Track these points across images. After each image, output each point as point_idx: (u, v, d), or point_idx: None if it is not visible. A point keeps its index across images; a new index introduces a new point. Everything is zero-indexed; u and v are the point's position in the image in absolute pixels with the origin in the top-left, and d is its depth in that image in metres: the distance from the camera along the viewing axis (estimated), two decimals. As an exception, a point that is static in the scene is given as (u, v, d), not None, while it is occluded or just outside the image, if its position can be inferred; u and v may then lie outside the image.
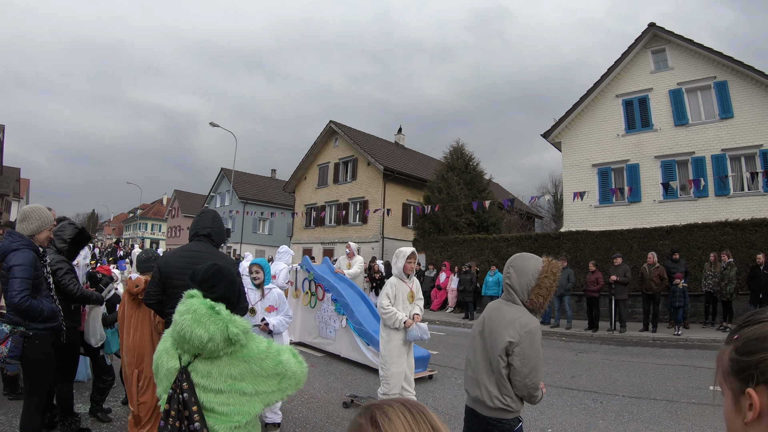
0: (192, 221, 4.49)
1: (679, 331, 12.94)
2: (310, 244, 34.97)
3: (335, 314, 9.82)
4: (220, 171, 49.54)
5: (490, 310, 3.18)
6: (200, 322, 2.26)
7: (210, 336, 2.23)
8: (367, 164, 31.16)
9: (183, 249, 4.31)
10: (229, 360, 2.31)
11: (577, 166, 22.90)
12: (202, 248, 4.24)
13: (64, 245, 5.11)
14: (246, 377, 2.31)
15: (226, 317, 2.31)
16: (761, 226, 15.02)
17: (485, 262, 20.54)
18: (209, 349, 2.26)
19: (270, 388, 2.38)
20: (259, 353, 2.37)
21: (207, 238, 4.33)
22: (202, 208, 4.49)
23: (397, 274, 6.36)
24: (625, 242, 17.31)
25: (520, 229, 31.96)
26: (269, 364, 2.37)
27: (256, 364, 2.33)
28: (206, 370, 2.29)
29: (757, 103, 18.70)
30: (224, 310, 2.35)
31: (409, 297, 6.35)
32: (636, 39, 21.79)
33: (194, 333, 2.23)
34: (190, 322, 2.27)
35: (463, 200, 24.54)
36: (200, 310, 2.30)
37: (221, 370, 2.29)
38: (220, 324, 2.27)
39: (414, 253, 6.40)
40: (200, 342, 2.23)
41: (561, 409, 6.78)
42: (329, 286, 10.07)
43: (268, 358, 2.38)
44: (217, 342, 2.25)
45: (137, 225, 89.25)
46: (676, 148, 20.25)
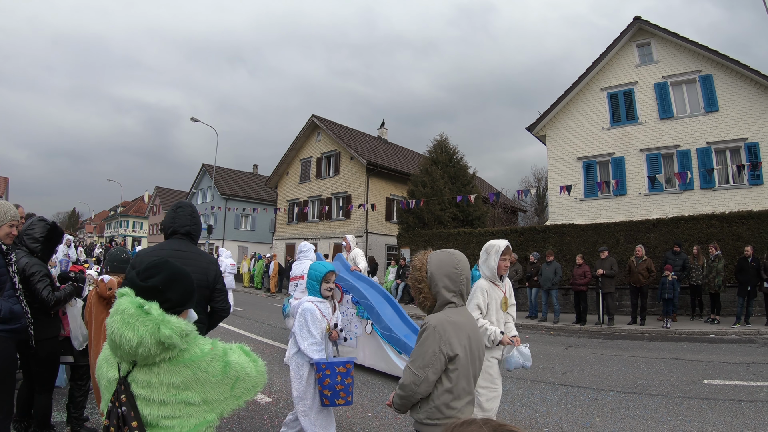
0: (166, 216, 4.17)
1: (668, 323, 12.84)
2: (293, 240, 34.52)
3: (357, 318, 8.73)
4: (202, 167, 48.93)
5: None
6: (129, 323, 1.99)
7: (140, 339, 1.96)
8: (350, 159, 30.88)
9: (161, 248, 3.98)
10: (169, 366, 2.03)
11: (562, 160, 22.79)
12: (182, 247, 3.97)
13: (37, 245, 4.72)
14: (191, 385, 2.04)
15: (157, 317, 2.02)
16: (748, 218, 15.01)
17: (470, 256, 19.97)
18: (142, 354, 1.99)
19: (221, 395, 2.12)
20: (203, 356, 2.09)
21: (187, 236, 4.06)
22: (177, 202, 4.19)
23: (489, 276, 4.88)
24: (611, 235, 17.20)
25: (504, 223, 31.88)
26: (216, 368, 2.10)
27: (200, 369, 2.06)
28: (145, 379, 2.02)
29: (742, 96, 18.71)
30: (156, 309, 2.05)
31: (503, 305, 4.96)
32: (621, 32, 21.74)
33: (123, 336, 1.97)
34: (119, 324, 2.01)
35: (447, 194, 24.35)
36: (128, 310, 2.02)
37: (161, 378, 2.02)
38: (150, 325, 1.99)
39: (509, 247, 4.90)
40: (130, 346, 1.96)
41: (556, 407, 6.60)
42: (349, 287, 8.94)
43: (214, 360, 2.10)
44: (149, 346, 1.97)
45: (118, 223, 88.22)
46: (661, 141, 20.22)
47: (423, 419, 2.75)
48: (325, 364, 4.37)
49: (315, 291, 4.69)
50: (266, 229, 45.71)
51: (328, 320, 4.65)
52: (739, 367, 8.52)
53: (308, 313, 4.50)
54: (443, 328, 2.68)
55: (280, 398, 6.80)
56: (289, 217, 35.71)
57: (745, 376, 7.85)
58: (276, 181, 37.56)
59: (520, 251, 18.77)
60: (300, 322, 4.54)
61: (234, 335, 11.71)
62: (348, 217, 30.70)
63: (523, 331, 13.98)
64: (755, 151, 18.01)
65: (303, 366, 4.54)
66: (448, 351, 2.65)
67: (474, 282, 5.45)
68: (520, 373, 8.07)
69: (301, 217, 34.41)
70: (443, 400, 2.70)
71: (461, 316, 2.82)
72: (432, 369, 2.65)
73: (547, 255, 15.52)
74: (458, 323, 2.76)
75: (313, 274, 4.70)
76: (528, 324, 14.84)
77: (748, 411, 6.09)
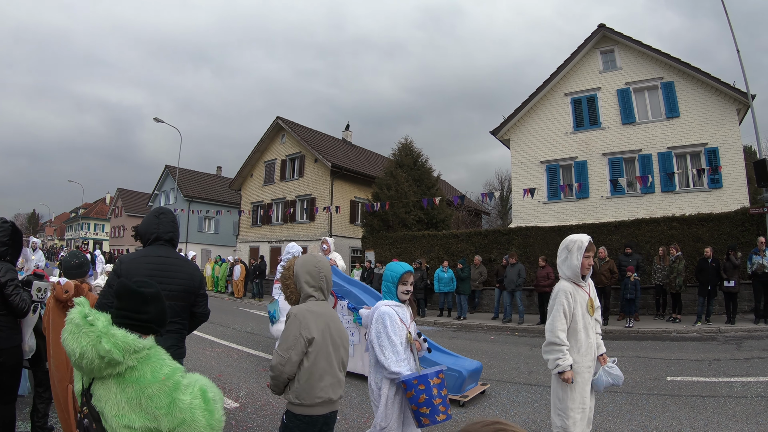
0: (145, 221, 4.05)
1: (630, 323, 12.95)
2: (257, 243, 34.15)
3: (354, 325, 8.09)
4: (165, 168, 48.04)
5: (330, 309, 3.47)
6: (74, 333, 1.94)
7: (81, 351, 1.89)
8: (315, 161, 30.63)
9: (147, 254, 3.85)
10: (117, 382, 1.94)
11: (526, 163, 22.94)
12: (168, 254, 3.90)
13: (5, 248, 4.43)
14: (135, 407, 1.92)
15: (100, 330, 1.93)
16: (707, 220, 15.27)
17: (435, 258, 20.32)
18: (86, 366, 1.91)
19: (165, 428, 1.94)
20: (153, 382, 1.96)
21: (169, 242, 3.99)
22: (158, 208, 4.09)
23: (570, 276, 4.27)
24: (574, 238, 17.27)
25: (468, 225, 32.03)
26: (161, 401, 1.94)
27: (144, 395, 1.93)
28: (99, 393, 1.95)
29: (702, 103, 19.11)
30: (102, 320, 1.95)
31: (589, 308, 4.32)
32: (586, 39, 22.01)
33: (68, 347, 1.93)
34: (68, 334, 1.96)
35: (412, 197, 24.31)
36: (75, 320, 1.97)
37: (111, 394, 1.93)
38: (93, 337, 1.91)
39: (592, 243, 4.26)
40: (74, 357, 1.92)
41: (522, 406, 6.57)
42: (343, 293, 8.41)
43: (161, 392, 1.95)
44: (90, 358, 1.88)
45: (79, 225, 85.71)
46: (623, 145, 20.50)
47: (292, 399, 3.09)
48: (416, 378, 3.73)
49: (391, 294, 4.16)
50: (230, 232, 45.12)
51: (407, 327, 4.12)
52: (701, 364, 8.57)
53: (386, 317, 3.94)
54: (303, 316, 3.16)
55: (248, 403, 6.58)
56: (253, 219, 35.23)
57: (707, 373, 7.89)
58: (240, 183, 37.04)
59: (484, 253, 18.84)
60: (377, 330, 3.97)
61: (200, 340, 11.35)
62: (312, 220, 30.43)
63: (488, 332, 13.99)
64: (715, 156, 18.39)
65: (384, 384, 3.95)
66: (307, 335, 3.10)
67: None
68: (486, 374, 8.00)
69: (265, 219, 33.98)
70: (306, 378, 3.10)
71: (320, 308, 3.31)
72: (294, 351, 3.08)
73: (510, 257, 15.54)
74: (317, 312, 3.25)
75: (389, 275, 4.19)
76: (493, 325, 14.82)
77: (711, 406, 6.10)
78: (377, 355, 3.93)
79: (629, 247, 14.55)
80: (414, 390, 3.72)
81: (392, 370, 3.80)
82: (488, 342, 12.17)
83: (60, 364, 4.29)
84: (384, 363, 3.85)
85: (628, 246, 14.60)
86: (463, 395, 6.55)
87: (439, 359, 7.06)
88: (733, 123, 18.64)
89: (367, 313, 4.37)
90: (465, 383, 6.70)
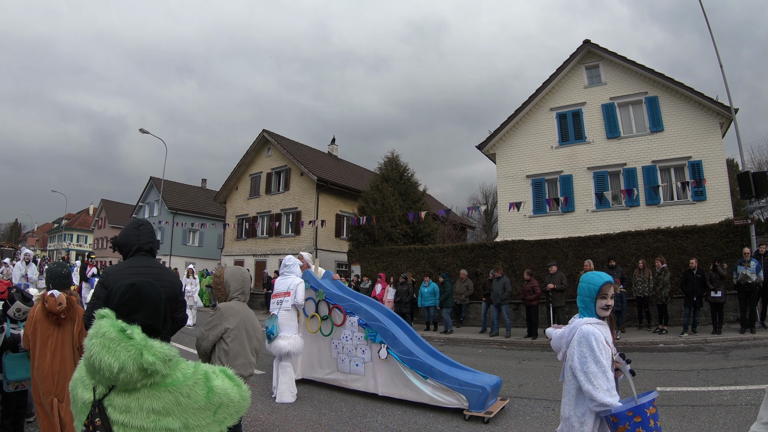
0: (125, 233, 4.12)
1: (617, 335, 12.94)
2: (241, 257, 33.92)
3: (365, 343, 7.77)
4: (149, 180, 47.77)
5: None
6: (110, 348, 1.88)
7: (121, 365, 1.85)
8: (300, 174, 30.56)
9: (130, 265, 3.93)
10: (150, 391, 1.91)
11: (512, 177, 23.02)
12: (152, 264, 4.04)
13: None
14: (172, 410, 1.92)
15: (140, 342, 1.92)
16: (692, 233, 15.41)
17: (421, 272, 20.27)
18: (122, 380, 1.87)
19: (203, 421, 1.99)
20: (186, 380, 1.98)
21: (150, 252, 4.10)
22: (136, 219, 4.18)
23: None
24: (560, 251, 17.38)
25: (454, 239, 32.03)
26: (199, 393, 1.98)
27: (182, 395, 1.94)
28: (124, 404, 1.89)
29: (686, 117, 19.35)
30: (139, 333, 1.96)
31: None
32: (571, 55, 22.24)
33: (103, 361, 1.85)
34: (99, 348, 1.89)
35: (398, 211, 24.28)
36: (109, 334, 1.91)
37: (141, 403, 1.89)
38: (133, 351, 1.88)
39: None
40: (110, 372, 1.85)
41: (514, 419, 6.51)
42: (353, 308, 8.07)
43: (197, 385, 1.99)
44: (130, 372, 1.86)
45: (62, 236, 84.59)
46: (608, 159, 20.67)
47: None
48: (631, 410, 3.03)
49: (589, 311, 3.41)
50: (214, 245, 44.83)
51: (612, 348, 3.38)
52: (690, 374, 8.58)
53: (592, 338, 3.18)
54: (226, 310, 4.56)
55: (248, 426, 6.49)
56: (238, 232, 35.02)
57: (696, 383, 7.90)
58: (225, 196, 36.81)
59: (470, 267, 18.83)
60: (582, 354, 3.21)
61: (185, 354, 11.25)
62: (298, 234, 30.30)
63: (476, 346, 13.94)
64: (698, 169, 18.59)
65: (589, 418, 3.23)
66: (226, 324, 4.48)
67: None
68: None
69: (251, 233, 33.80)
70: (225, 357, 4.41)
71: (240, 307, 4.72)
72: (213, 332, 4.46)
73: (495, 271, 15.55)
74: (237, 309, 4.63)
75: (586, 287, 3.44)
76: (480, 339, 14.77)
77: (701, 415, 6.10)
78: (583, 384, 3.17)
79: (612, 259, 14.64)
80: (628, 423, 3.03)
81: (603, 401, 3.06)
82: (476, 356, 12.11)
83: (45, 377, 4.22)
84: (592, 393, 3.10)
85: (612, 259, 14.69)
86: (487, 412, 6.43)
87: (457, 375, 6.95)
88: (716, 136, 18.86)
89: (559, 334, 3.62)
90: (488, 399, 6.59)
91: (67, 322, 4.47)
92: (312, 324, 8.51)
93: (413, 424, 6.29)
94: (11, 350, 4.99)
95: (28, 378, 4.86)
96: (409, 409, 6.91)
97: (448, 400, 6.70)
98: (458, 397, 6.60)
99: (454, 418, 6.50)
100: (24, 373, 4.88)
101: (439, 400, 6.79)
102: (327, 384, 8.27)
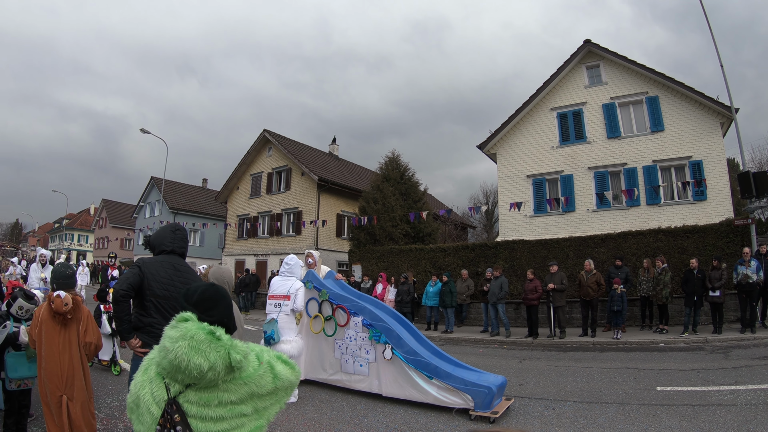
0: (160, 234, 4.49)
1: (618, 335, 12.97)
2: (242, 256, 33.96)
3: (369, 343, 7.71)
4: (150, 180, 47.79)
5: None
6: (199, 349, 2.00)
7: (211, 365, 1.99)
8: (301, 174, 30.60)
9: (164, 260, 4.31)
10: (227, 386, 2.08)
11: (512, 177, 23.06)
12: (181, 264, 4.37)
13: None
14: (246, 400, 2.11)
15: (227, 343, 2.07)
16: (692, 232, 15.42)
17: (422, 272, 20.33)
18: (209, 378, 2.01)
19: (269, 402, 2.22)
20: (256, 372, 2.16)
21: (181, 256, 4.48)
22: (173, 224, 4.45)
23: None
24: (561, 251, 17.39)
25: (454, 239, 32.04)
26: (267, 380, 2.18)
27: (255, 384, 2.13)
28: (202, 398, 2.04)
29: (686, 116, 19.37)
30: (224, 335, 2.12)
31: None
32: (571, 55, 22.26)
33: (192, 362, 1.97)
34: (187, 349, 2.00)
35: (398, 211, 24.31)
36: (198, 336, 2.04)
37: (220, 397, 2.05)
38: (222, 351, 2.03)
39: None
40: (199, 372, 1.98)
41: (515, 419, 6.52)
42: (357, 309, 8.00)
43: (265, 374, 2.18)
44: (219, 371, 2.02)
45: (63, 236, 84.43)
46: (609, 159, 20.70)
47: None
48: None
49: None
50: (215, 245, 44.79)
51: None
52: (690, 374, 8.59)
53: None
54: None
55: None
56: (239, 232, 35.06)
57: (696, 382, 7.90)
58: (226, 195, 36.85)
59: (471, 267, 18.84)
60: None
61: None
62: (299, 233, 30.34)
63: (476, 345, 13.97)
64: (699, 169, 18.61)
65: None
66: None
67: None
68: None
69: (251, 232, 33.85)
70: None
71: None
72: None
73: (494, 270, 15.57)
74: None
75: None
76: (481, 338, 14.80)
77: (701, 415, 6.10)
78: None
79: (619, 259, 14.62)
80: None
81: None
82: (477, 355, 12.12)
83: (53, 376, 4.26)
84: None
85: (618, 258, 14.68)
86: (493, 412, 6.43)
87: (462, 375, 6.93)
88: (716, 136, 18.88)
89: None
90: (494, 399, 6.58)
91: (72, 322, 4.52)
92: (315, 324, 8.39)
93: (414, 424, 6.30)
94: (13, 348, 5.02)
95: (31, 377, 4.90)
96: (410, 409, 6.91)
97: (454, 400, 6.69)
98: (464, 397, 6.60)
99: (456, 418, 6.51)
100: (26, 372, 4.92)
101: (445, 400, 6.77)
102: (330, 384, 8.22)
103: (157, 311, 4.04)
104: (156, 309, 4.04)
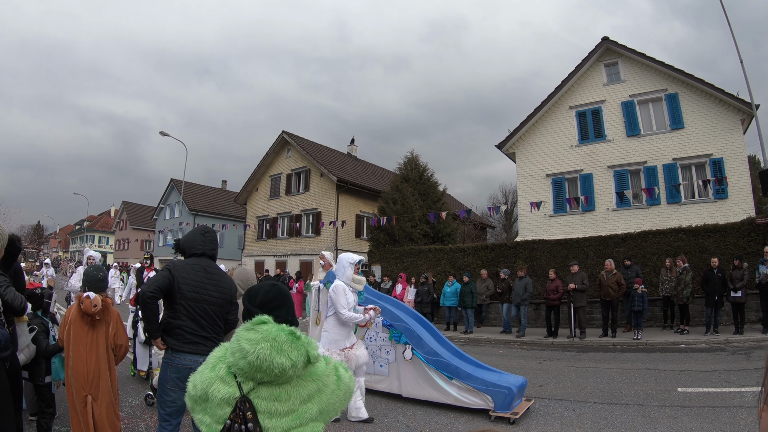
0: (191, 237, 4.52)
1: (638, 335, 12.92)
2: (262, 257, 34.20)
3: (389, 343, 7.75)
4: (170, 182, 48.23)
5: None
6: (281, 350, 2.10)
7: (293, 363, 2.10)
8: (320, 175, 30.74)
9: (195, 263, 4.34)
10: (298, 381, 2.18)
11: (532, 177, 23.02)
12: (212, 266, 4.40)
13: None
14: (313, 397, 2.20)
15: (305, 341, 2.19)
16: (713, 231, 15.30)
17: (441, 272, 20.36)
18: (289, 375, 2.12)
19: (331, 404, 2.27)
20: (324, 371, 2.27)
21: (212, 258, 4.48)
22: (203, 226, 4.56)
23: None
24: (581, 250, 17.36)
25: (474, 239, 32.00)
26: (332, 381, 2.27)
27: (322, 383, 2.22)
28: (273, 394, 2.14)
29: (706, 114, 19.18)
30: (303, 334, 2.22)
31: None
32: (590, 52, 22.15)
33: (274, 362, 2.07)
34: (269, 350, 2.09)
35: (418, 211, 24.35)
36: (280, 338, 2.13)
37: (290, 392, 2.15)
38: (302, 350, 2.15)
39: None
40: (281, 370, 2.08)
41: (535, 419, 6.54)
42: None
43: (330, 375, 2.28)
44: (299, 368, 2.14)
45: (84, 237, 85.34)
46: (628, 158, 20.58)
47: None
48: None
49: None
50: (235, 246, 45.07)
51: None
52: (711, 375, 8.58)
53: None
54: None
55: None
56: (259, 233, 35.32)
57: (718, 383, 7.90)
58: (245, 197, 37.15)
59: (491, 267, 18.83)
60: None
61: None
62: (318, 234, 30.49)
63: (496, 346, 13.99)
64: (720, 167, 18.44)
65: None
66: None
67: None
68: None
69: (271, 233, 34.08)
70: None
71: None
72: None
73: (518, 270, 15.58)
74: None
75: None
76: (501, 339, 14.82)
77: (722, 416, 6.11)
78: None
79: (628, 259, 14.68)
80: None
81: None
82: (497, 356, 12.15)
83: (79, 376, 4.35)
84: None
85: (627, 258, 14.75)
86: (513, 412, 6.45)
87: (483, 376, 6.96)
88: (737, 133, 18.69)
89: None
90: (514, 400, 6.60)
91: (101, 324, 4.61)
92: None
93: (434, 424, 6.39)
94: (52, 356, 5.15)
95: None
96: (430, 410, 6.99)
97: (474, 400, 6.73)
98: (484, 398, 6.63)
99: (476, 419, 6.58)
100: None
101: (465, 401, 6.81)
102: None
103: (187, 314, 4.10)
104: (186, 312, 4.09)
